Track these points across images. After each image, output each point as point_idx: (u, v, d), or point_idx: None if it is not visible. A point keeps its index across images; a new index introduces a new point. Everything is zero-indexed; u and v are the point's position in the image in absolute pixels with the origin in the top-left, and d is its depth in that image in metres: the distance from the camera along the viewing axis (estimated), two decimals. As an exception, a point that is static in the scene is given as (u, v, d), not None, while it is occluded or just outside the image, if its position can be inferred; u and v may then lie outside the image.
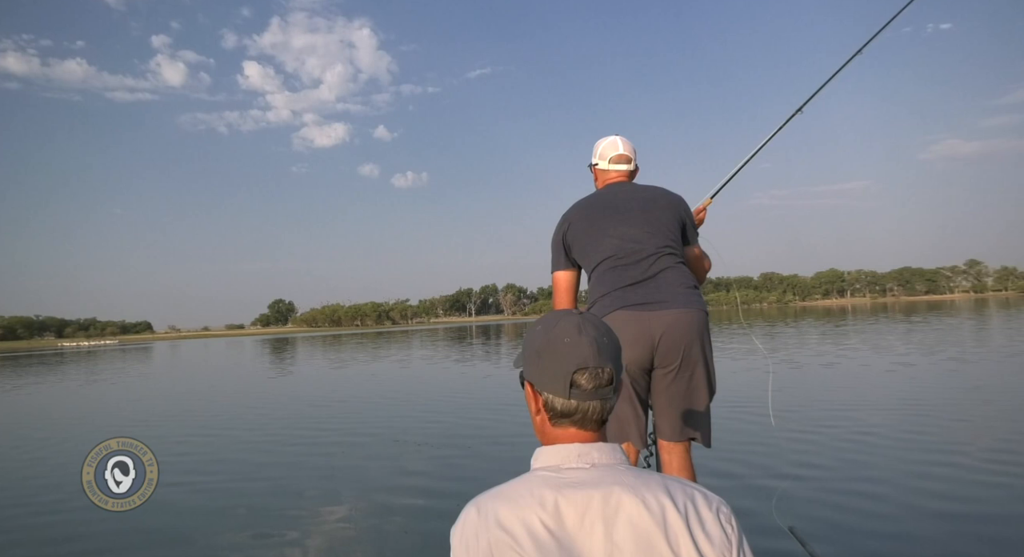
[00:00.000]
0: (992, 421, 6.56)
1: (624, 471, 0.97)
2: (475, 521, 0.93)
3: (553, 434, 1.01)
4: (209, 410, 11.27)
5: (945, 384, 9.39)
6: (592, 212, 2.47)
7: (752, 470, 5.02)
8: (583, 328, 1.00)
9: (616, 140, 2.59)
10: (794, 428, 6.53)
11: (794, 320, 43.33)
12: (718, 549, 0.90)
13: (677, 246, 2.41)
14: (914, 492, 4.24)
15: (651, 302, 2.26)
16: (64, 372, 26.98)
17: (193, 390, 16.10)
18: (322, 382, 16.24)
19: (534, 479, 0.96)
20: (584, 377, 0.97)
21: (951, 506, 3.94)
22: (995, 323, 26.38)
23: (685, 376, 2.27)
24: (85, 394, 16.46)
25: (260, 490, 5.32)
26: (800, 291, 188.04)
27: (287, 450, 7.01)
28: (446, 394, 11.90)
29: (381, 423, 8.58)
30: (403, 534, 4.01)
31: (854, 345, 17.86)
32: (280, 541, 3.98)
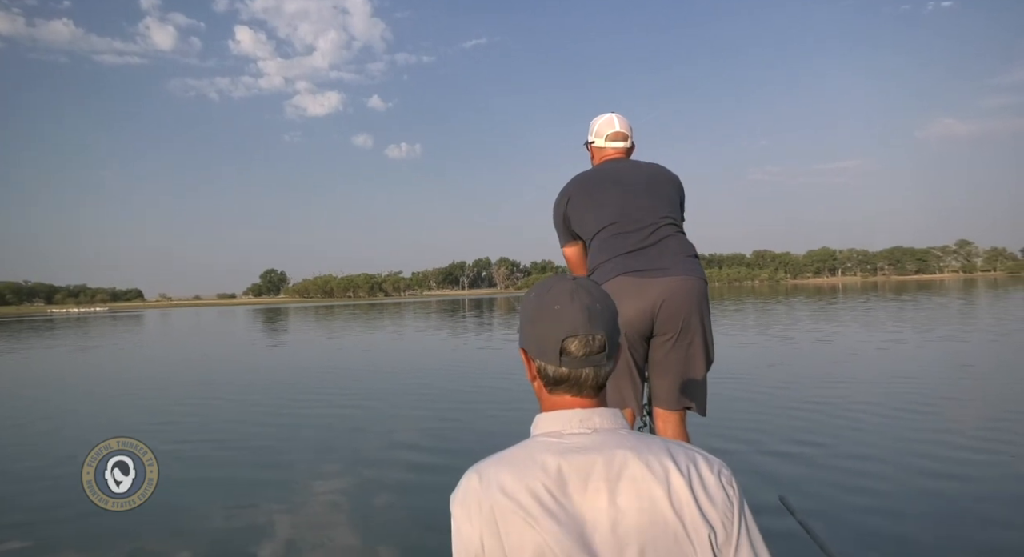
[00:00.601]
0: (981, 398, 6.64)
1: (626, 435, 0.96)
2: (477, 488, 0.92)
3: (551, 400, 1.00)
4: (198, 379, 11.25)
5: (935, 361, 9.50)
6: (592, 184, 2.46)
7: (743, 443, 5.05)
8: (575, 294, 0.98)
9: (612, 118, 2.57)
10: (786, 403, 6.59)
11: (785, 298, 43.71)
12: (720, 510, 0.90)
13: (677, 217, 2.41)
14: (904, 467, 4.28)
15: (652, 269, 2.24)
16: (56, 338, 26.88)
17: (185, 359, 16.09)
18: (315, 352, 16.26)
19: (536, 445, 0.95)
20: (574, 344, 0.95)
21: (939, 481, 3.98)
22: (983, 302, 26.66)
23: (684, 344, 2.25)
24: (80, 363, 16.40)
25: (246, 460, 5.29)
26: (792, 269, 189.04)
27: (276, 421, 6.99)
28: (440, 366, 11.92)
29: (374, 394, 8.57)
30: (389, 508, 4.02)
31: (845, 323, 18.04)
32: (266, 512, 3.96)
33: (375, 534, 3.54)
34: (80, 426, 7.16)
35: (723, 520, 0.90)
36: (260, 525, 3.74)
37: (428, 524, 3.60)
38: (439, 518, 0.93)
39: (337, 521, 3.77)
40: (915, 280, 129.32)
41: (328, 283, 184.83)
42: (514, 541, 0.87)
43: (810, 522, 2.68)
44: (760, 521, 0.93)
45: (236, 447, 5.78)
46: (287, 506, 4.07)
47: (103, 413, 8.09)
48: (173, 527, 3.73)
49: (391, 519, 3.81)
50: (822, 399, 6.85)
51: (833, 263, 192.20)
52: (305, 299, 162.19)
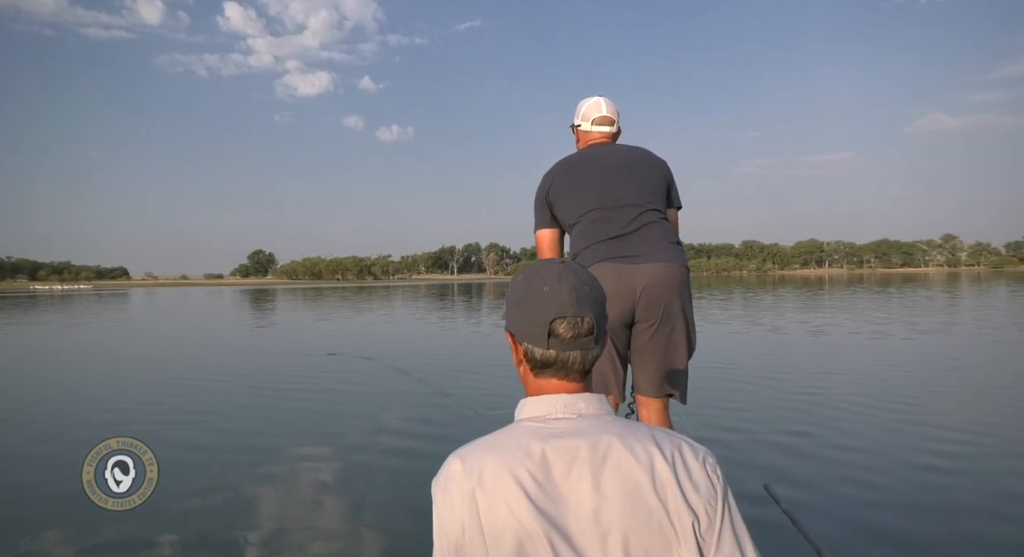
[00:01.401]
0: (972, 390, 6.70)
1: (611, 421, 0.95)
2: (459, 473, 0.90)
3: (537, 384, 0.99)
4: (186, 359, 11.13)
5: (923, 353, 9.58)
6: (575, 169, 2.43)
7: (730, 431, 5.07)
8: (563, 276, 0.97)
9: (600, 101, 2.54)
10: (775, 393, 6.62)
11: (772, 288, 44.03)
12: (704, 497, 0.89)
13: (661, 203, 2.39)
14: (893, 457, 4.29)
15: (633, 255, 2.23)
16: (37, 316, 26.54)
17: (171, 337, 15.92)
18: (304, 334, 16.17)
19: (520, 430, 0.94)
20: (562, 326, 0.94)
21: (928, 473, 4.00)
22: (968, 295, 26.94)
23: (665, 331, 2.25)
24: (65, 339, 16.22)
25: (230, 441, 5.23)
26: (780, 260, 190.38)
27: (261, 403, 6.92)
28: (427, 349, 11.88)
29: (360, 379, 8.54)
30: (376, 490, 3.99)
31: (832, 313, 18.21)
32: (249, 495, 3.92)
33: (361, 516, 3.52)
34: (61, 405, 7.05)
35: (707, 508, 0.89)
36: (245, 505, 3.70)
37: (414, 507, 3.58)
38: (424, 502, 0.92)
39: (323, 502, 3.74)
40: (900, 273, 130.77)
41: (316, 265, 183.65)
42: (496, 527, 0.86)
43: (795, 511, 2.72)
44: (745, 510, 0.92)
45: (220, 427, 5.71)
46: (271, 486, 4.03)
47: (84, 392, 7.99)
48: (156, 508, 3.64)
49: (377, 502, 3.79)
50: (812, 389, 6.88)
51: (820, 255, 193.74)
52: (293, 281, 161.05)
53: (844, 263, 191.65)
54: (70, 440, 5.27)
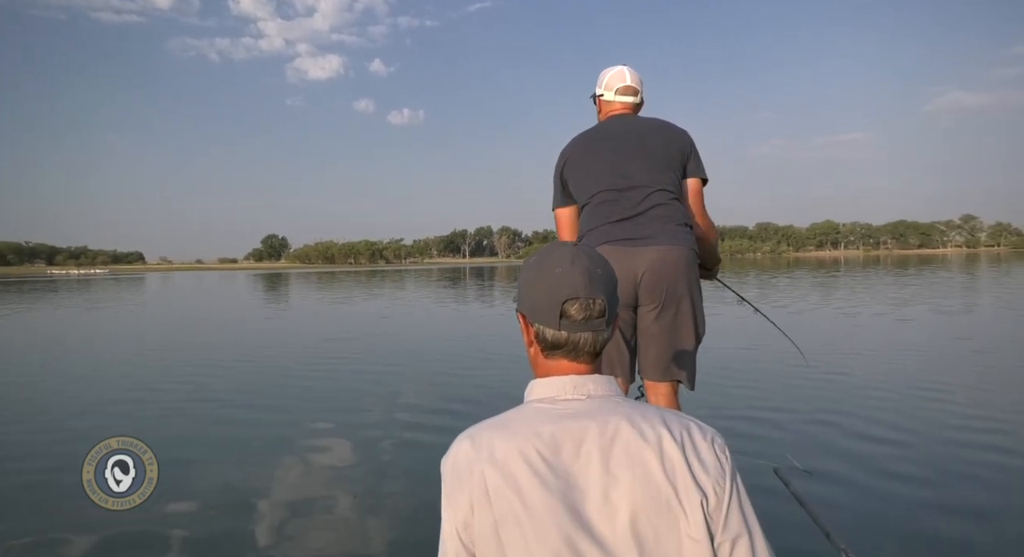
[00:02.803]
0: (998, 377, 6.52)
1: (620, 402, 0.96)
2: (469, 452, 0.91)
3: (546, 366, 1.00)
4: (202, 341, 11.19)
5: (944, 336, 9.39)
6: (588, 146, 2.41)
7: (737, 411, 5.01)
8: (576, 258, 0.98)
9: (623, 70, 2.49)
10: (791, 376, 6.50)
11: (787, 270, 43.60)
12: (713, 477, 0.90)
13: (672, 183, 2.31)
14: (914, 445, 4.18)
15: (636, 238, 2.21)
16: (49, 301, 26.89)
17: (192, 321, 16.03)
18: (320, 318, 16.24)
19: (529, 410, 0.95)
20: (574, 307, 0.95)
21: (948, 462, 3.88)
22: (986, 277, 26.55)
23: (669, 315, 2.22)
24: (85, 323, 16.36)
25: (249, 419, 5.17)
26: (794, 242, 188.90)
27: (288, 380, 6.87)
28: (440, 334, 11.84)
29: (372, 362, 8.50)
30: (388, 468, 3.94)
31: (848, 295, 17.95)
32: (259, 478, 3.90)
33: (373, 501, 3.49)
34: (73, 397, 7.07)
35: (715, 487, 0.89)
36: (258, 485, 3.65)
37: (424, 488, 3.54)
38: (434, 483, 0.94)
39: (335, 484, 3.70)
40: (917, 254, 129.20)
41: (329, 249, 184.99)
42: (505, 506, 0.86)
43: (804, 494, 2.68)
44: (753, 493, 0.93)
45: (240, 405, 5.67)
46: (285, 463, 4.01)
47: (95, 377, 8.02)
48: (168, 485, 3.65)
49: (390, 481, 3.76)
50: (832, 371, 6.73)
51: (836, 236, 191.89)
52: (306, 265, 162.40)
53: (860, 244, 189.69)
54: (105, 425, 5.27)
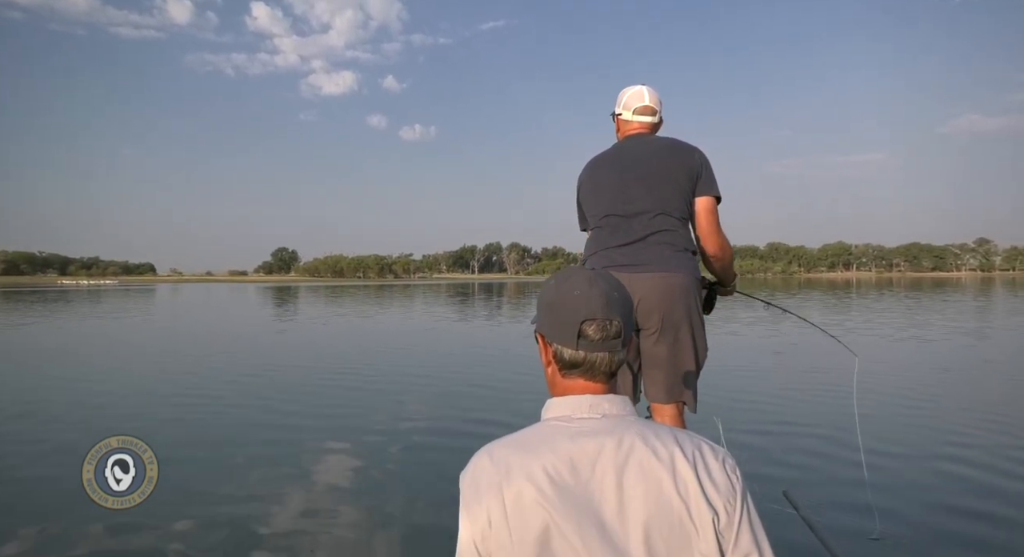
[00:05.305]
0: (1010, 397, 6.32)
1: (634, 421, 0.98)
2: (487, 467, 0.94)
3: (563, 385, 1.03)
4: (209, 353, 11.07)
5: (959, 357, 9.09)
6: (598, 170, 2.47)
7: (751, 434, 4.91)
8: (594, 282, 1.02)
9: (642, 90, 2.52)
10: (803, 395, 6.31)
11: (799, 290, 43.24)
12: (724, 496, 0.92)
13: (677, 206, 2.32)
14: (919, 467, 4.09)
15: (634, 264, 2.26)
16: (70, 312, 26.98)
17: (206, 334, 15.97)
18: (329, 332, 16.13)
19: (546, 428, 0.98)
20: (592, 328, 0.98)
21: (953, 482, 3.82)
22: (1001, 300, 26.18)
23: (668, 340, 2.26)
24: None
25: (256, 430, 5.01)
26: (805, 263, 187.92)
27: (300, 393, 6.67)
28: (450, 351, 11.67)
29: (379, 378, 8.29)
30: (400, 482, 3.78)
31: (871, 315, 17.67)
32: (259, 479, 3.92)
33: (384, 511, 3.45)
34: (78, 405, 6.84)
35: (726, 505, 0.91)
36: (269, 496, 3.60)
37: (438, 501, 3.50)
38: (450, 496, 0.97)
39: (336, 484, 3.75)
40: (931, 277, 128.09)
41: (338, 263, 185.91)
42: (521, 521, 0.88)
43: (813, 517, 2.67)
44: (761, 516, 0.95)
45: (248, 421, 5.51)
46: (296, 473, 4.03)
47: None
48: (176, 490, 3.64)
49: (401, 495, 3.71)
50: (838, 391, 6.47)
51: (848, 258, 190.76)
52: (315, 278, 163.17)
53: (872, 266, 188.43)
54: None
